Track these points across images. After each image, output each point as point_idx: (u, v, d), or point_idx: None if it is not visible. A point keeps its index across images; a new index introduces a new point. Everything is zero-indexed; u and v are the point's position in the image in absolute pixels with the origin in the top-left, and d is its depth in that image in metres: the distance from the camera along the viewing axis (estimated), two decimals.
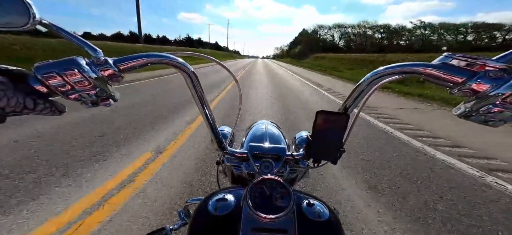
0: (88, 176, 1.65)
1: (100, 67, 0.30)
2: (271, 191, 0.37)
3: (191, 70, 0.37)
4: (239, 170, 0.54)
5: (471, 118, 0.29)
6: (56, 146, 2.07)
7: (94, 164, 1.82)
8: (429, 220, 1.41)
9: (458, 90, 0.27)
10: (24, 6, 0.26)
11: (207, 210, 0.37)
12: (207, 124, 0.46)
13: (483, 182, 1.85)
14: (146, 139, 2.40)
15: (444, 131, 3.15)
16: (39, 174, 1.62)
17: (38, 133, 2.29)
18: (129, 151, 2.10)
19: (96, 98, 0.31)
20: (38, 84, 0.28)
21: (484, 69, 0.25)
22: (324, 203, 0.39)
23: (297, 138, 0.69)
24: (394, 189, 1.72)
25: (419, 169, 2.04)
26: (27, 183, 1.51)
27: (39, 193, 1.42)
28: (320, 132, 0.40)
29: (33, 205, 1.32)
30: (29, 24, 0.26)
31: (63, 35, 0.29)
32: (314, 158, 0.44)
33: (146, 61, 0.33)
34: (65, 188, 1.50)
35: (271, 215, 0.33)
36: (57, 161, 1.82)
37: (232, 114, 3.66)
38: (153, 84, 6.08)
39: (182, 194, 1.53)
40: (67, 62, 0.28)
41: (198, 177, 1.75)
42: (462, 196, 1.66)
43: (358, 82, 0.37)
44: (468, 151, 2.49)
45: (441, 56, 0.30)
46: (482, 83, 0.25)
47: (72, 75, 0.28)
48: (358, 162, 2.13)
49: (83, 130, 2.50)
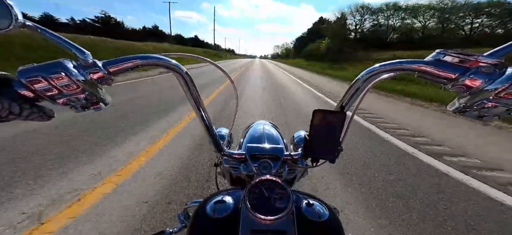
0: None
1: (88, 70, 0.29)
2: (269, 192, 0.37)
3: (185, 71, 0.37)
4: (237, 172, 0.53)
5: (465, 114, 0.29)
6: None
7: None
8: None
9: (452, 86, 0.28)
10: (5, 8, 0.25)
11: (206, 213, 0.37)
12: (203, 126, 0.45)
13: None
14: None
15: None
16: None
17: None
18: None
19: (85, 102, 0.30)
20: (23, 89, 0.27)
21: (476, 64, 0.26)
22: (323, 203, 0.39)
23: (295, 138, 0.69)
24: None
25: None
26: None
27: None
28: (317, 131, 0.40)
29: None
30: (11, 26, 0.25)
31: (48, 37, 0.28)
32: (312, 157, 0.44)
33: (138, 63, 0.32)
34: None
35: (270, 216, 0.33)
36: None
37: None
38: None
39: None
40: (53, 65, 0.26)
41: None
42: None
43: (353, 80, 0.37)
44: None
45: (433, 53, 0.30)
46: (475, 79, 0.26)
47: (59, 79, 0.26)
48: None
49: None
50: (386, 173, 1.91)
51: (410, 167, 2.04)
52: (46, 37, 0.28)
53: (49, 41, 0.28)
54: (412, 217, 1.40)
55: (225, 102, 4.36)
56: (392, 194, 1.62)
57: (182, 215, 0.59)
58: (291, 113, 3.78)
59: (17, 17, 0.25)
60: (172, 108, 3.62)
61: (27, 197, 1.36)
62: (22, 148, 1.96)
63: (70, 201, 1.36)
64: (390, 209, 1.47)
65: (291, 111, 3.91)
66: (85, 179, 1.59)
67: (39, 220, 1.20)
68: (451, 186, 1.76)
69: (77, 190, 1.47)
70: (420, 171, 1.98)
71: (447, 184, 1.80)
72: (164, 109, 3.53)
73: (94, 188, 1.50)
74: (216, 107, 3.98)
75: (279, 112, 3.82)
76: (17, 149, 1.94)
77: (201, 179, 1.69)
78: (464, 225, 1.36)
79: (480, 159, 2.27)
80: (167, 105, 3.76)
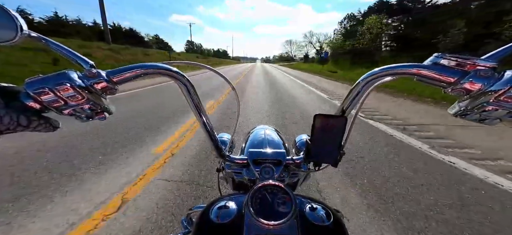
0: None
1: (92, 80, 0.29)
2: (272, 196, 0.37)
3: (187, 79, 0.37)
4: (240, 177, 0.53)
5: (466, 117, 0.29)
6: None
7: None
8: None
9: (452, 89, 0.28)
10: (10, 19, 0.25)
11: (210, 218, 0.37)
12: (205, 132, 0.46)
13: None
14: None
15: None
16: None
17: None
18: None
19: (90, 112, 0.30)
20: (30, 100, 0.27)
21: (474, 68, 0.26)
22: (327, 207, 0.39)
23: (297, 142, 0.69)
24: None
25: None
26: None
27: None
28: (319, 135, 0.40)
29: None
30: (17, 37, 0.25)
31: (52, 47, 0.28)
32: (314, 161, 0.44)
33: (140, 72, 0.32)
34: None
35: (273, 221, 0.33)
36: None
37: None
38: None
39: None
40: (59, 77, 0.27)
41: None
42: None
43: (354, 84, 0.38)
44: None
45: (431, 56, 0.30)
46: (474, 82, 0.26)
47: (65, 90, 0.27)
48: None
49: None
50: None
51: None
52: (50, 47, 0.28)
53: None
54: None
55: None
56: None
57: (186, 221, 0.59)
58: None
59: (22, 28, 0.26)
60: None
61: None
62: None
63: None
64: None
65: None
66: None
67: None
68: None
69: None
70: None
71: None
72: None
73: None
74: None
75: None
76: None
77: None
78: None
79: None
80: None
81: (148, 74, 0.33)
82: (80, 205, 1.46)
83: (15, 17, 0.25)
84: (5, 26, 0.25)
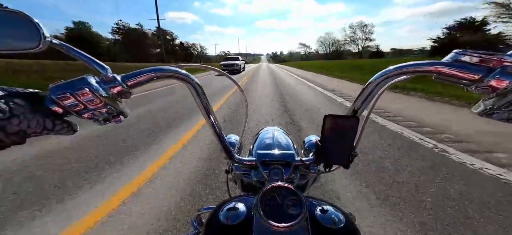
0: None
1: (109, 85, 0.31)
2: (282, 198, 0.36)
3: (196, 81, 0.38)
4: (248, 178, 0.53)
5: (493, 116, 0.27)
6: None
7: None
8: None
9: (476, 87, 0.26)
10: (34, 28, 0.27)
11: (219, 220, 0.37)
12: (214, 134, 0.46)
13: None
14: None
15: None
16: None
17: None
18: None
19: (107, 116, 0.31)
20: (54, 105, 0.28)
21: (501, 64, 0.24)
22: (338, 209, 0.38)
23: (306, 143, 0.68)
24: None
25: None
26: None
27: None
28: (329, 136, 0.39)
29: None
30: (40, 45, 0.27)
31: (73, 54, 0.30)
32: (325, 163, 0.43)
33: (153, 75, 0.33)
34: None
35: (283, 223, 0.33)
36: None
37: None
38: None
39: None
40: (79, 82, 0.28)
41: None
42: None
43: (366, 83, 0.36)
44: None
45: (451, 53, 0.29)
46: (502, 79, 0.24)
47: (84, 94, 0.28)
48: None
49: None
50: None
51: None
52: (71, 54, 0.30)
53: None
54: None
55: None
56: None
57: (196, 221, 0.60)
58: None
59: (45, 36, 0.27)
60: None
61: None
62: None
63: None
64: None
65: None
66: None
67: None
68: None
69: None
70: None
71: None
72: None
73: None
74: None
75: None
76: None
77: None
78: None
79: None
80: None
81: (160, 78, 0.34)
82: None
83: (38, 25, 0.26)
84: (29, 34, 0.27)
